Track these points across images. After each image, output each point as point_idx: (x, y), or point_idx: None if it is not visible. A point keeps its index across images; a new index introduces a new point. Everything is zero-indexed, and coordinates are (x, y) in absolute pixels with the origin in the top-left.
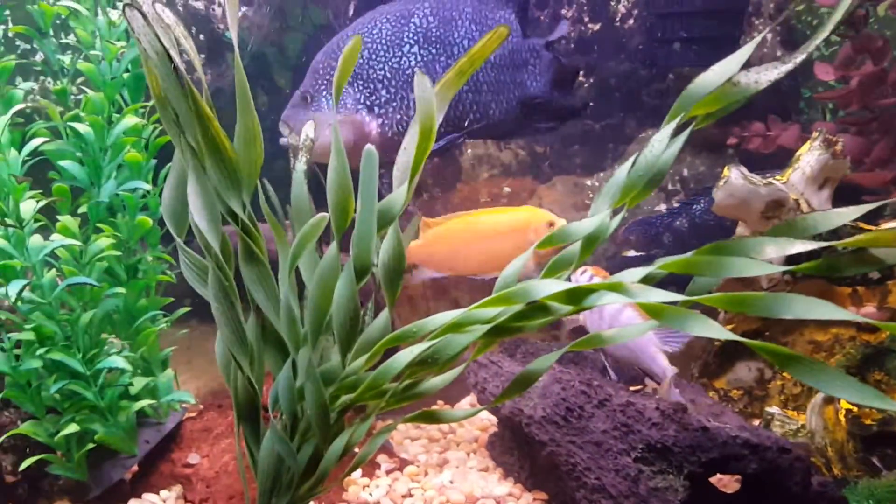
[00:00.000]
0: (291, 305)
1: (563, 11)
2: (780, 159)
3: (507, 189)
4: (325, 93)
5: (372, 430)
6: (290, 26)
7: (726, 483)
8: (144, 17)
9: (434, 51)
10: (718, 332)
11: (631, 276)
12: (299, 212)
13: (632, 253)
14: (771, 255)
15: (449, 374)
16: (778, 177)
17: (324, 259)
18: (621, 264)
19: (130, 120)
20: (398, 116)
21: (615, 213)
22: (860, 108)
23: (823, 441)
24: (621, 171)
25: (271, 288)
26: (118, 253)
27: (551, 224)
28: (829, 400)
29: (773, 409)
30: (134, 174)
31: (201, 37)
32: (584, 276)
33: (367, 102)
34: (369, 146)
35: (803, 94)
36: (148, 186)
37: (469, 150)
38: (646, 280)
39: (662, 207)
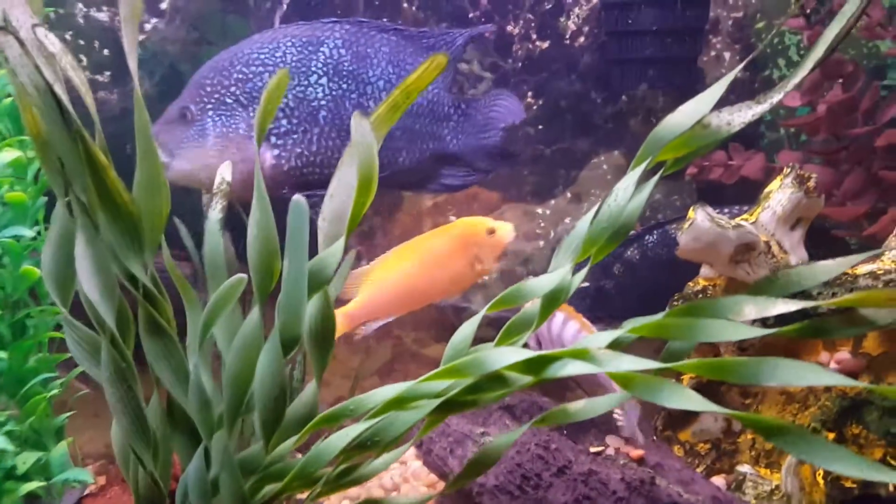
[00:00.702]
0: (203, 383)
1: (510, 28)
2: (740, 187)
3: (452, 218)
4: (211, 113)
5: None
6: (208, 40)
7: None
8: (22, 44)
9: (345, 86)
10: (697, 403)
11: (597, 341)
12: (214, 268)
13: (584, 284)
14: (750, 315)
15: (392, 454)
16: (746, 216)
17: (243, 327)
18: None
19: (10, 154)
20: (298, 150)
21: (579, 267)
22: (828, 137)
23: None
24: (583, 224)
25: (179, 363)
26: None
27: (492, 231)
28: None
29: (745, 468)
30: (18, 216)
31: (105, 51)
32: (559, 321)
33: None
34: (298, 197)
35: (764, 118)
36: (31, 232)
37: None
38: (614, 345)
39: None
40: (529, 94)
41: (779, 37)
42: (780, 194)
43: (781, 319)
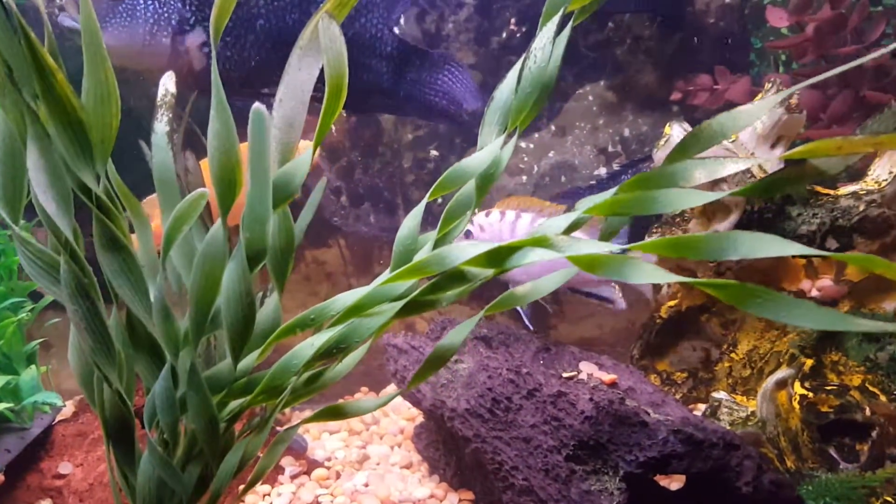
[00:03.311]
0: (166, 300)
1: None
2: None
3: (433, 153)
4: None
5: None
6: None
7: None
8: None
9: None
10: (660, 276)
11: (555, 226)
12: (164, 184)
13: None
14: (700, 180)
15: (352, 356)
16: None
17: (206, 242)
18: None
19: None
20: (228, 53)
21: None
22: (816, 59)
23: (776, 430)
24: (503, 92)
25: (139, 278)
26: None
27: None
28: (782, 384)
29: (721, 394)
30: None
31: None
32: (509, 219)
33: (198, 26)
34: (258, 106)
35: (754, 45)
36: None
37: None
38: (571, 228)
39: (602, 171)
40: (512, 20)
41: None
42: None
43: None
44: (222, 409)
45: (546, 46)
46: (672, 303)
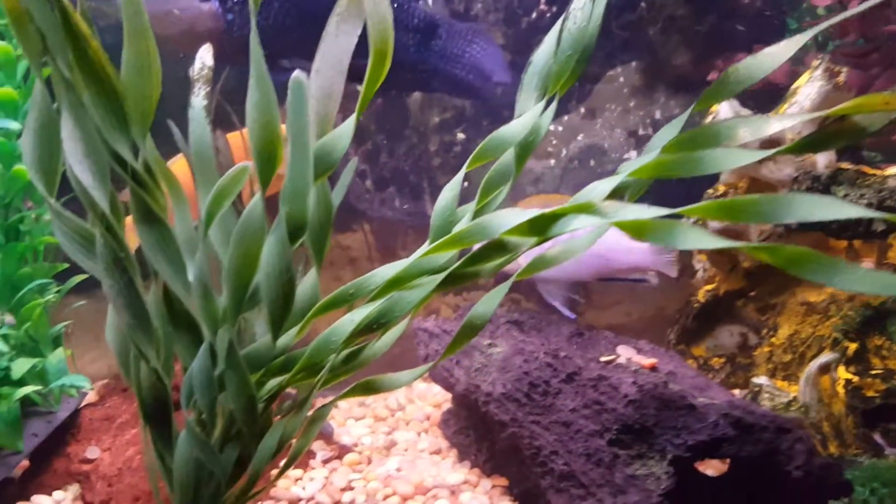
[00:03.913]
0: (206, 276)
1: None
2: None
3: (460, 136)
4: None
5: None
6: None
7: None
8: None
9: None
10: (711, 241)
11: (598, 192)
12: (202, 159)
13: None
14: (746, 138)
15: (391, 333)
16: (772, 113)
17: (245, 216)
18: None
19: None
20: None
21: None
22: (858, 38)
23: (819, 416)
24: (542, 56)
25: (176, 254)
26: None
27: None
28: (825, 369)
29: (761, 379)
30: (9, 114)
31: None
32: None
33: None
34: (298, 73)
35: (789, 26)
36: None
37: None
38: (615, 193)
39: (633, 154)
40: (542, 0)
41: None
42: (808, 88)
43: None
44: (260, 388)
45: (586, 5)
46: (709, 287)
